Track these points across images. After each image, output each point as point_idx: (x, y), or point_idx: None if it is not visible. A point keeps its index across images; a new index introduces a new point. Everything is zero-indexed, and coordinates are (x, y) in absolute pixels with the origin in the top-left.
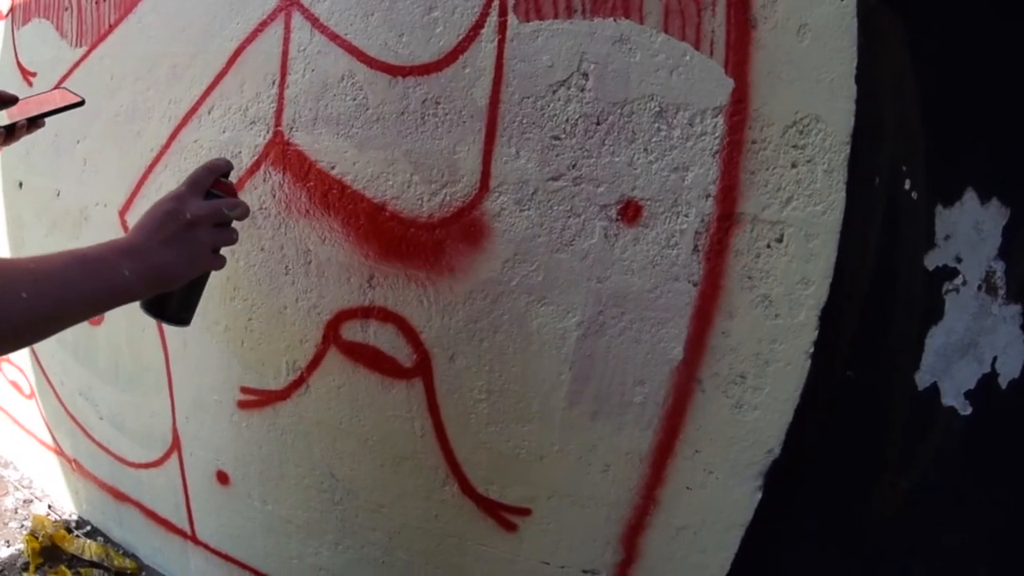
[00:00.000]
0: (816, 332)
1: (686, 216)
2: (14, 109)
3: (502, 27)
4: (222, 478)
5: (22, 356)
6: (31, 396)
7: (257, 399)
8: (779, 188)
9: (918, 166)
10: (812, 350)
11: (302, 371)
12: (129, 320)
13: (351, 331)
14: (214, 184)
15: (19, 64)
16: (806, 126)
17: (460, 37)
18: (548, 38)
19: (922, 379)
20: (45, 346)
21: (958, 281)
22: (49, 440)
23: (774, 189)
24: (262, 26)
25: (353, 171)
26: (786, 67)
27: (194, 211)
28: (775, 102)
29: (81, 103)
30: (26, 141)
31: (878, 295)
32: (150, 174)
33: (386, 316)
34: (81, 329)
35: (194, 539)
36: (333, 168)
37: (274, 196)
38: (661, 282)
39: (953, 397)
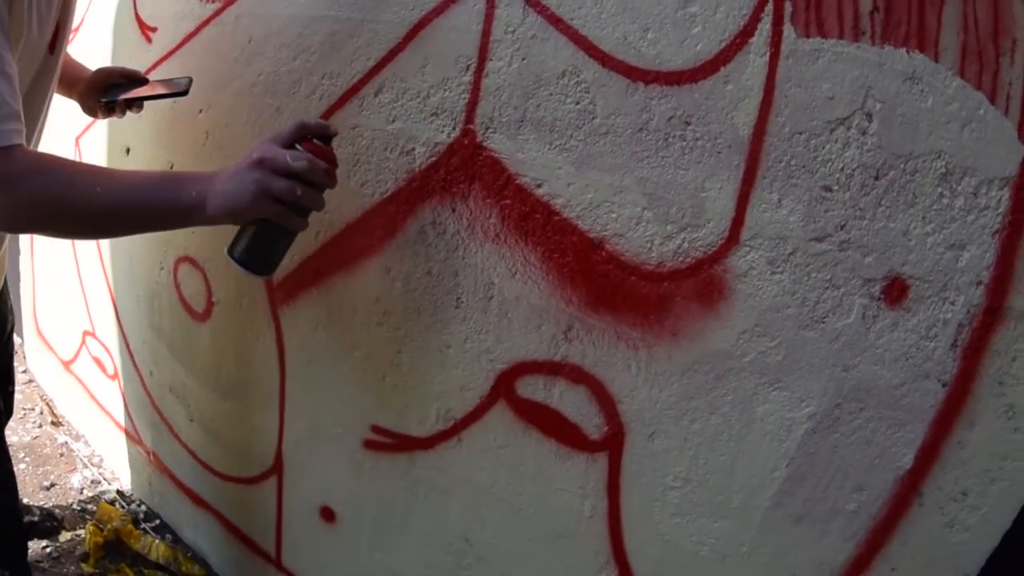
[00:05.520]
0: None
1: (952, 304)
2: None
3: (776, 39)
4: (327, 514)
5: (109, 335)
6: (114, 377)
7: (391, 443)
8: None
9: None
10: None
11: (455, 422)
12: (239, 325)
13: (530, 388)
14: (304, 142)
15: (138, 18)
16: None
17: (723, 44)
18: (831, 62)
19: None
20: (136, 332)
21: None
22: (127, 425)
23: None
24: None
25: (566, 194)
26: None
27: (260, 151)
28: None
29: (184, 93)
30: None
31: None
32: None
33: (579, 377)
34: (181, 323)
35: (278, 564)
36: (539, 187)
37: (453, 210)
38: (910, 378)
39: None
